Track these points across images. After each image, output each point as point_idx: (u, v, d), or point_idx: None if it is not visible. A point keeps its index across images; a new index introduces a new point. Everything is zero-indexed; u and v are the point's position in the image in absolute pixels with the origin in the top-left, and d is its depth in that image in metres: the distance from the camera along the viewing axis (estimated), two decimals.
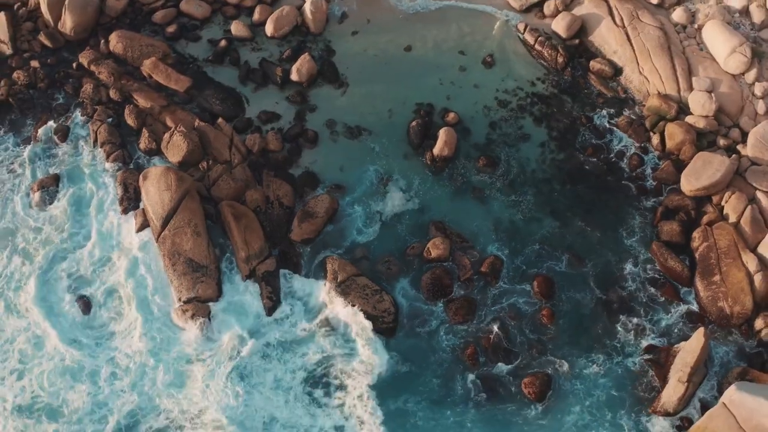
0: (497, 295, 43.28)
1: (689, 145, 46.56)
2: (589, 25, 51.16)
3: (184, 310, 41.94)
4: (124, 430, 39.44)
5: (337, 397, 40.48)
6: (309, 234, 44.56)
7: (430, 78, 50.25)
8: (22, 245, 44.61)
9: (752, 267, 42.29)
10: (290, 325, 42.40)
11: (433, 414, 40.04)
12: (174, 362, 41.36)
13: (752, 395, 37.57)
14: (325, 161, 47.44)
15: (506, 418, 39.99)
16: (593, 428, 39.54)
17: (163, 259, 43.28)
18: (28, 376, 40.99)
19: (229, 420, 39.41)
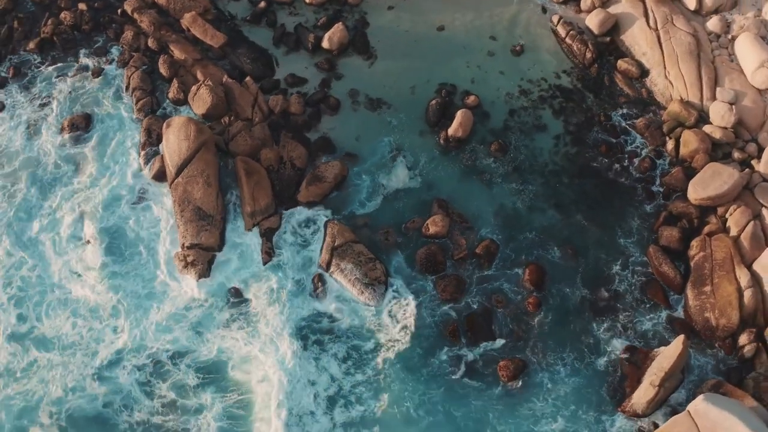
0: (488, 277, 43.47)
1: (703, 154, 45.75)
2: (622, 23, 50.43)
3: (186, 255, 43.32)
4: (107, 365, 40.97)
5: (317, 353, 41.38)
6: (315, 197, 45.37)
7: (458, 59, 50.29)
8: (43, 177, 46.47)
9: (744, 282, 41.57)
10: (284, 278, 43.39)
11: (406, 380, 40.50)
12: (170, 305, 42.70)
13: (718, 408, 37.17)
14: (343, 129, 48.10)
15: (476, 395, 40.21)
16: (554, 417, 39.55)
17: (173, 205, 44.73)
18: (27, 304, 42.93)
19: (208, 362, 40.99)
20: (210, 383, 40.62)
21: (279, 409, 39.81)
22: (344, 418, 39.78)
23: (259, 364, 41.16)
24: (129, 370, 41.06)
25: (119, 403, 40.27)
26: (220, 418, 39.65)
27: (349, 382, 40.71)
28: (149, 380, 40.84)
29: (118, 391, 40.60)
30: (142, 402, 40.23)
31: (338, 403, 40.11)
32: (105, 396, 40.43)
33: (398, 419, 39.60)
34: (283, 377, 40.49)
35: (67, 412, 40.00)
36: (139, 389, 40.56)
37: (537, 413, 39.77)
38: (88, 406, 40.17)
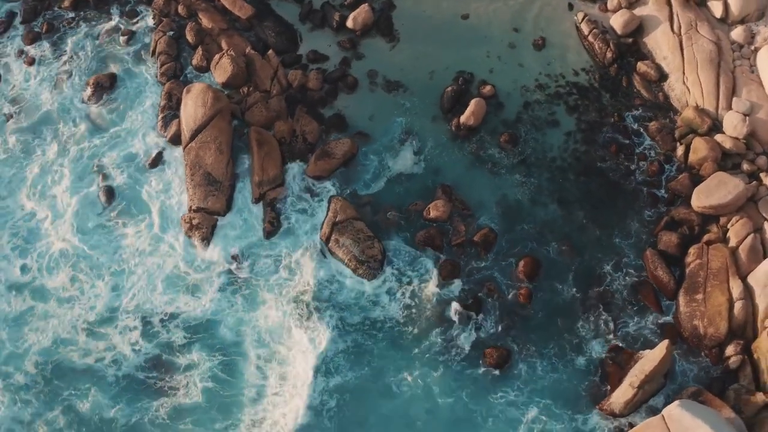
0: (482, 265, 43.55)
1: (711, 163, 45.03)
2: (646, 26, 49.70)
3: (192, 218, 44.24)
4: (99, 321, 42.20)
5: (309, 320, 42.18)
6: (322, 172, 45.87)
7: (479, 49, 50.07)
8: (64, 131, 47.80)
9: (736, 294, 41.03)
10: (284, 248, 44.16)
11: (389, 356, 41.15)
12: (171, 267, 43.76)
13: (692, 415, 36.91)
14: (358, 108, 48.40)
15: (455, 376, 40.66)
16: (527, 405, 39.80)
17: (185, 169, 45.57)
18: (31, 255, 44.28)
19: (202, 323, 42.08)
20: (201, 344, 41.68)
21: (269, 371, 40.86)
22: (324, 384, 40.30)
23: (252, 327, 41.90)
24: (122, 328, 42.11)
25: (109, 359, 41.44)
26: (208, 378, 40.52)
27: (332, 351, 41.23)
28: (141, 338, 41.83)
29: (110, 348, 41.75)
30: (131, 359, 41.39)
31: (320, 370, 40.60)
32: (96, 352, 41.52)
33: (377, 391, 40.25)
34: (274, 339, 41.51)
35: (54, 363, 41.29)
36: (130, 347, 41.65)
37: (511, 400, 39.97)
38: (77, 359, 41.31)
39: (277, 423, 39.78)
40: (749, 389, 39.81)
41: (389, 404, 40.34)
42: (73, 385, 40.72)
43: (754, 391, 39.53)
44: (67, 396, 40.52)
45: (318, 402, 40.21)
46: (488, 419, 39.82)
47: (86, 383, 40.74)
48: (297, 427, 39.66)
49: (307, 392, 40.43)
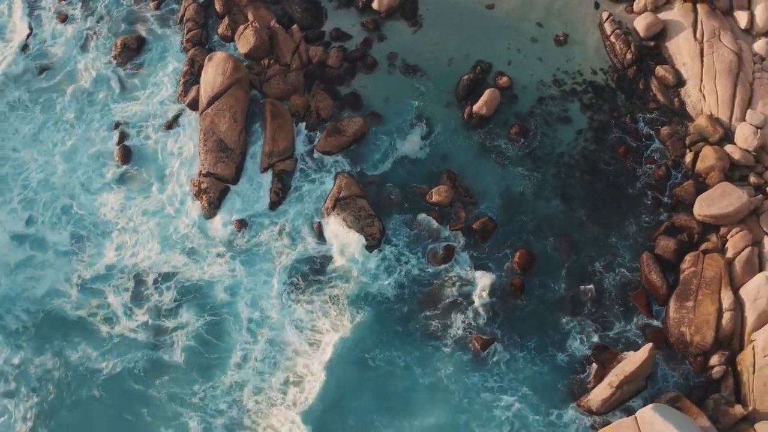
0: (478, 253, 43.67)
1: (718, 172, 44.38)
2: (669, 30, 48.89)
3: (200, 182, 45.02)
4: (98, 278, 43.19)
5: (304, 290, 42.96)
6: (332, 148, 46.29)
7: (500, 40, 49.74)
8: (87, 89, 48.88)
9: (726, 304, 40.53)
10: (287, 219, 44.73)
11: (375, 331, 41.67)
12: (175, 229, 44.65)
13: (664, 419, 36.74)
14: (374, 89, 48.59)
15: (437, 356, 41.08)
16: (504, 392, 40.07)
17: (199, 134, 46.35)
18: (37, 207, 45.41)
19: (194, 286, 43.01)
20: (193, 304, 42.59)
21: (259, 336, 41.66)
22: (312, 354, 41.13)
23: (248, 291, 42.76)
24: (116, 286, 43.10)
25: (102, 315, 42.50)
26: (192, 338, 41.54)
27: (324, 323, 41.91)
28: (134, 296, 42.79)
29: (103, 305, 42.71)
30: (123, 317, 42.30)
31: (309, 340, 41.53)
32: (89, 307, 42.61)
33: (358, 363, 40.84)
34: (269, 305, 42.34)
35: (44, 312, 42.50)
36: (123, 305, 42.61)
37: (489, 386, 40.30)
38: (69, 311, 42.50)
39: (258, 388, 40.46)
40: (729, 400, 39.44)
41: (366, 376, 40.85)
42: (64, 335, 41.91)
43: (733, 403, 39.16)
44: (57, 345, 41.66)
45: (304, 369, 40.81)
46: (464, 400, 40.19)
47: (76, 335, 41.90)
48: (277, 392, 40.47)
49: (293, 360, 41.28)
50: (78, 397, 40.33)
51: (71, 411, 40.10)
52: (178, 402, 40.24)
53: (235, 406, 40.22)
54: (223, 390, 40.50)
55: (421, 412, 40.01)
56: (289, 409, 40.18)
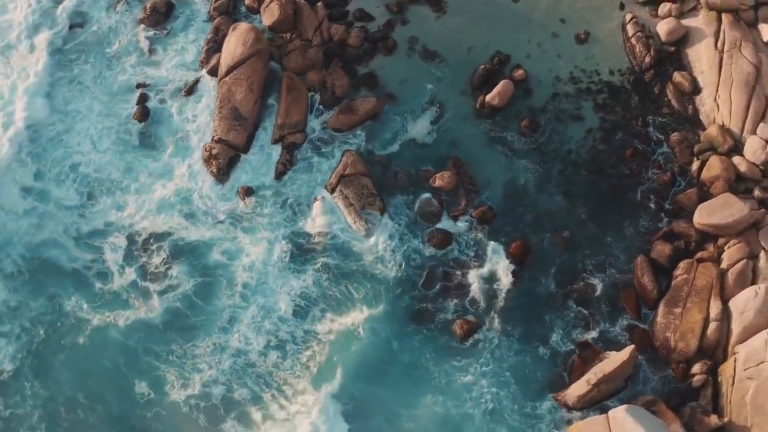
0: (474, 240, 43.72)
1: (722, 182, 43.69)
2: (691, 37, 47.99)
3: (212, 148, 45.69)
4: (90, 234, 44.17)
5: (301, 262, 43.49)
6: (342, 125, 46.52)
7: (522, 33, 49.30)
8: (112, 49, 49.69)
9: (713, 314, 40.08)
10: (291, 190, 45.24)
11: (365, 308, 42.06)
12: (180, 191, 45.42)
13: (635, 421, 36.66)
14: (391, 71, 48.56)
15: (421, 337, 41.46)
16: (484, 376, 40.30)
17: (216, 101, 46.90)
18: (46, 162, 46.21)
19: (192, 247, 43.84)
20: (188, 265, 43.27)
21: (251, 300, 42.46)
22: (298, 320, 41.96)
23: (247, 257, 43.45)
24: (114, 242, 44.02)
25: (96, 269, 43.48)
26: (186, 298, 42.50)
27: (316, 292, 42.51)
28: (130, 255, 43.72)
29: (98, 260, 43.68)
30: (116, 273, 43.26)
31: (299, 310, 42.15)
32: (84, 260, 43.62)
33: (344, 335, 41.46)
34: (265, 271, 43.01)
35: (40, 260, 43.63)
36: (117, 262, 43.55)
37: (469, 370, 40.50)
38: (65, 262, 43.55)
39: (240, 350, 41.28)
40: (706, 410, 39.17)
41: (349, 345, 41.44)
42: (59, 284, 43.05)
43: (710, 413, 38.90)
44: (51, 292, 42.86)
45: (287, 335, 41.65)
46: (442, 380, 40.60)
47: (71, 286, 43.01)
48: (257, 356, 41.24)
49: (280, 327, 42.01)
50: (64, 343, 41.53)
51: (56, 355, 41.32)
52: (153, 356, 41.19)
53: (215, 366, 40.97)
54: (206, 350, 41.30)
55: (396, 386, 40.52)
56: (268, 373, 40.92)
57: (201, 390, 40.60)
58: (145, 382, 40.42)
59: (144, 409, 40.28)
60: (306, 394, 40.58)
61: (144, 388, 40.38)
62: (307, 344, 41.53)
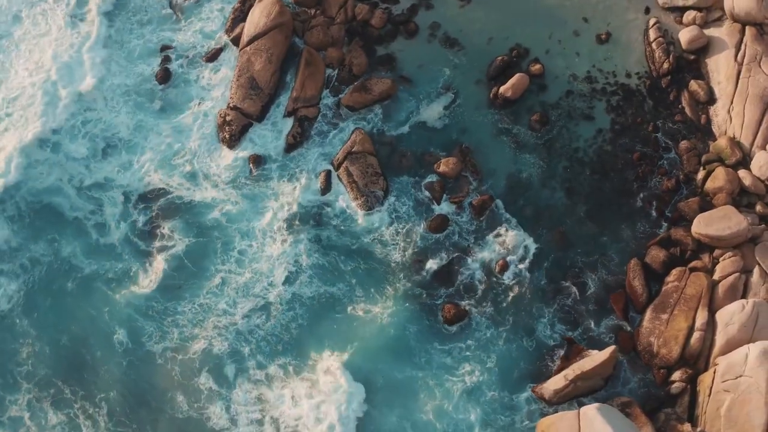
0: (471, 228, 43.75)
1: (725, 195, 43.03)
2: (712, 47, 47.09)
3: (226, 114, 46.25)
4: (92, 187, 45.07)
5: (299, 231, 43.85)
6: (355, 103, 46.77)
7: (543, 28, 48.86)
8: (139, 11, 50.59)
9: (698, 324, 39.60)
10: (298, 162, 45.64)
11: (357, 283, 42.52)
12: (188, 153, 46.07)
13: (605, 420, 36.49)
14: (410, 54, 48.62)
15: (408, 317, 41.70)
16: (467, 360, 40.50)
17: (235, 69, 47.40)
18: (63, 116, 47.29)
19: (197, 206, 44.62)
20: (188, 227, 44.08)
21: (246, 265, 43.02)
22: (288, 289, 42.33)
23: (247, 222, 44.09)
24: (114, 197, 44.92)
25: (94, 221, 44.49)
26: (181, 257, 43.30)
27: (309, 263, 42.93)
28: (131, 211, 44.65)
29: (97, 212, 44.64)
30: (113, 227, 44.27)
31: (291, 277, 42.59)
32: (84, 211, 44.64)
33: (330, 306, 41.98)
34: (262, 238, 43.59)
35: (41, 204, 44.87)
36: (115, 217, 44.48)
37: (452, 354, 40.75)
38: (67, 210, 44.66)
39: (223, 311, 41.96)
40: (681, 418, 38.85)
41: (332, 314, 41.98)
42: (59, 230, 44.23)
43: (684, 421, 38.57)
44: (51, 237, 44.06)
45: (275, 299, 42.24)
46: (422, 359, 40.93)
47: (70, 233, 44.19)
48: (241, 317, 41.90)
49: (269, 291, 42.56)
50: (56, 287, 42.91)
51: (47, 297, 42.66)
52: (134, 309, 42.15)
53: (199, 326, 41.74)
54: (192, 308, 42.17)
55: (377, 358, 40.92)
56: (249, 331, 41.64)
57: (178, 343, 41.49)
58: (124, 331, 41.57)
59: (121, 357, 41.41)
60: (284, 354, 41.21)
61: (123, 337, 41.54)
62: (292, 308, 42.01)
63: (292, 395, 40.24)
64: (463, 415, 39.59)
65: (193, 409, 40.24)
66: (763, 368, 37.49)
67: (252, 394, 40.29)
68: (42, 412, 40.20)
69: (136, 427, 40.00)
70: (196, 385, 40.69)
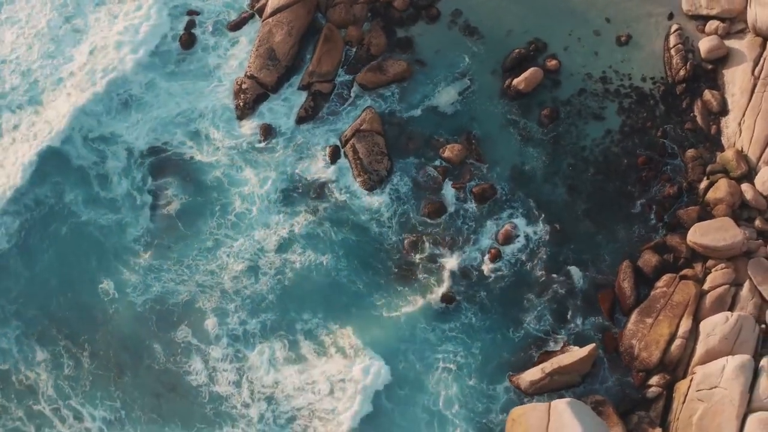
0: (469, 215, 43.71)
1: (725, 206, 42.31)
2: (730, 58, 46.08)
3: (242, 82, 46.71)
4: (98, 139, 45.95)
5: (297, 200, 44.48)
6: (369, 83, 46.80)
7: (564, 25, 48.17)
8: None
9: (681, 331, 39.27)
10: (307, 135, 45.93)
11: (351, 258, 42.92)
12: (199, 117, 46.58)
13: (574, 415, 36.63)
14: (429, 39, 48.33)
15: (395, 294, 42.09)
16: (450, 341, 40.79)
17: (256, 38, 47.72)
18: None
19: (199, 163, 45.38)
20: (188, 184, 44.86)
21: (242, 231, 43.69)
22: (279, 254, 42.96)
23: (247, 187, 44.58)
24: (116, 152, 45.67)
25: (96, 172, 45.33)
26: (178, 216, 44.20)
27: (303, 232, 43.40)
28: (134, 167, 45.31)
29: (101, 164, 45.49)
30: (114, 180, 45.04)
31: (284, 244, 43.18)
32: (89, 161, 45.52)
33: (319, 277, 42.40)
34: (260, 204, 44.15)
35: (51, 150, 45.53)
36: (118, 170, 45.24)
37: (437, 332, 41.09)
38: (73, 158, 45.50)
39: (211, 271, 42.74)
40: (653, 422, 38.65)
41: (322, 281, 42.48)
42: (64, 176, 45.19)
43: (655, 426, 38.41)
44: (55, 181, 45.07)
45: (265, 264, 42.88)
46: (407, 332, 41.19)
47: (75, 181, 45.10)
48: (229, 278, 42.57)
49: (260, 256, 43.18)
50: (53, 229, 43.93)
51: (43, 239, 43.76)
52: (122, 262, 43.14)
53: (183, 284, 42.60)
54: (179, 265, 43.03)
55: (363, 327, 41.38)
56: (235, 291, 42.38)
57: (159, 295, 42.34)
58: (111, 281, 42.53)
59: (106, 304, 42.40)
60: (268, 312, 41.89)
61: (108, 287, 42.52)
62: (281, 272, 42.55)
63: (270, 357, 40.87)
64: (443, 393, 40.02)
65: (171, 362, 41.21)
66: (738, 381, 37.27)
67: (229, 352, 40.98)
68: (29, 347, 41.58)
69: (117, 372, 41.02)
70: (175, 339, 41.61)
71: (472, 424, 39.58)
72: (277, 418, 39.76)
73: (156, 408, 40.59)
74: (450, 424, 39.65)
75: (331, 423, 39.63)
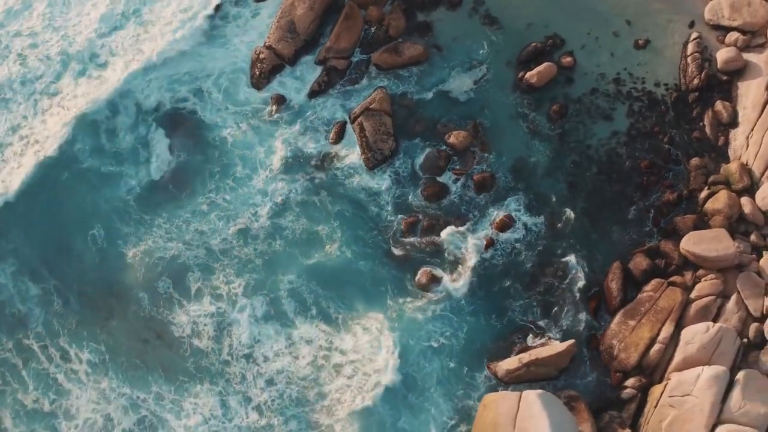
0: (467, 202, 43.64)
1: (722, 218, 41.71)
2: (747, 72, 45.17)
3: (260, 52, 47.04)
4: (121, 94, 46.84)
5: (299, 174, 44.72)
6: (384, 63, 46.84)
7: (584, 23, 47.61)
8: None
9: (662, 336, 38.96)
10: (315, 110, 46.13)
11: (348, 232, 43.12)
12: (213, 83, 47.17)
13: (543, 407, 36.72)
14: (449, 24, 48.17)
15: (385, 273, 42.33)
16: (436, 324, 40.87)
17: (278, 10, 47.96)
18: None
19: (208, 126, 46.05)
20: (193, 145, 45.59)
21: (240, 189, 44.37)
22: (278, 222, 43.39)
23: (250, 151, 45.27)
24: (131, 105, 46.49)
25: (107, 126, 46.10)
26: (177, 174, 44.91)
27: (300, 201, 43.81)
28: (142, 122, 46.10)
29: (112, 118, 46.26)
30: (121, 135, 45.88)
31: (278, 211, 43.67)
32: (101, 114, 46.39)
33: (311, 245, 42.89)
34: (262, 171, 44.64)
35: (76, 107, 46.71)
36: (128, 123, 46.10)
37: (423, 311, 41.24)
38: (90, 114, 46.38)
39: (204, 233, 43.34)
40: (624, 423, 38.53)
41: (311, 251, 42.86)
42: (75, 125, 46.13)
43: (625, 427, 38.30)
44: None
45: (257, 228, 43.39)
46: (392, 305, 41.43)
47: (82, 130, 45.95)
48: (219, 239, 43.19)
49: (253, 221, 43.72)
50: (54, 177, 44.85)
51: (45, 186, 44.63)
52: (117, 216, 43.94)
53: (174, 240, 43.26)
54: (172, 224, 43.68)
55: (349, 295, 41.81)
56: (222, 251, 42.94)
57: (148, 249, 43.05)
58: (102, 229, 43.47)
59: (96, 251, 43.38)
60: (254, 274, 42.43)
61: (101, 237, 43.44)
62: (272, 237, 43.09)
63: (252, 314, 41.51)
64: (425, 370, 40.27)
65: (155, 312, 42.00)
66: (710, 391, 36.87)
67: (212, 309, 41.66)
68: (23, 283, 42.78)
69: (104, 315, 42.01)
70: (160, 289, 42.34)
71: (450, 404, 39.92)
72: (256, 378, 40.32)
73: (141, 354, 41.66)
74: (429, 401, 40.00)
75: (311, 390, 40.05)
